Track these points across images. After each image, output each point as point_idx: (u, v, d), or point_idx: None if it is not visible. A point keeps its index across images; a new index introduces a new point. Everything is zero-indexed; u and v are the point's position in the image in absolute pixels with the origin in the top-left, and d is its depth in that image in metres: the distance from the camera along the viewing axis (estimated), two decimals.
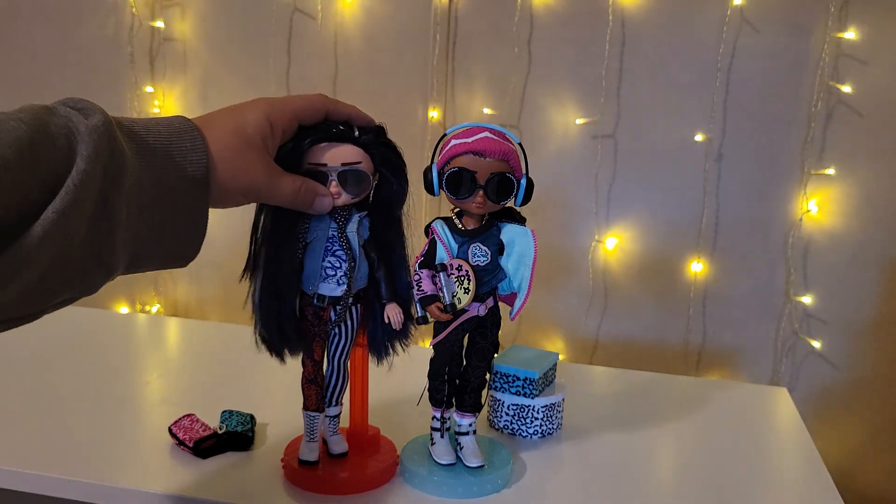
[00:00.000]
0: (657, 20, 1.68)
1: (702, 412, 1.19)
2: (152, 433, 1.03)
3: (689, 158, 1.72)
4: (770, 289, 1.74)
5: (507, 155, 0.86)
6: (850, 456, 1.78)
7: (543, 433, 1.07)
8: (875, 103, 1.62)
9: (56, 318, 0.64)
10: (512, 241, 0.90)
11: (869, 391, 1.74)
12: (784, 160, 1.68)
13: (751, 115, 1.68)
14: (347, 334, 0.91)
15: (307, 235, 0.86)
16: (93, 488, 0.90)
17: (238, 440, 0.99)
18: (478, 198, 0.86)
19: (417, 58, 1.80)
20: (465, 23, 1.77)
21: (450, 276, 0.88)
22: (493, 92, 1.78)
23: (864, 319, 1.71)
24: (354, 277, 0.87)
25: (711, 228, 1.74)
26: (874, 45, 1.60)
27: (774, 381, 1.77)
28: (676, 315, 1.79)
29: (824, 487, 0.97)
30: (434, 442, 0.95)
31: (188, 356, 1.38)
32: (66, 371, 1.23)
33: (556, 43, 1.74)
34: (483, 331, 0.92)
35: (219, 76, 1.92)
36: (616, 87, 1.72)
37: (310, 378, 0.91)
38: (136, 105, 1.95)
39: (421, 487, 0.91)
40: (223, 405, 1.06)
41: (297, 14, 1.85)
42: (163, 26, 1.92)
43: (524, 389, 1.07)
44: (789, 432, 1.15)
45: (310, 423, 0.92)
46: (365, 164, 0.85)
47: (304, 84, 1.87)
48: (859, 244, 1.68)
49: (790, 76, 1.65)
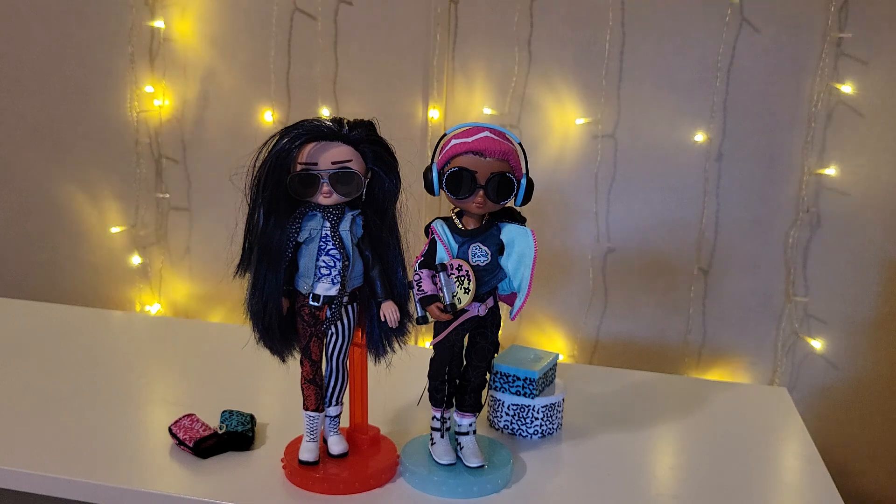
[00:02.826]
0: (657, 20, 1.68)
1: (702, 412, 1.19)
2: (152, 433, 1.03)
3: (689, 158, 1.72)
4: (770, 289, 1.74)
5: (507, 155, 0.86)
6: (850, 456, 1.78)
7: (543, 433, 1.07)
8: (875, 103, 1.62)
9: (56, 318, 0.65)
10: (512, 241, 0.90)
11: (869, 391, 1.74)
12: (784, 160, 1.68)
13: (751, 115, 1.68)
14: (344, 334, 0.91)
15: (299, 234, 0.86)
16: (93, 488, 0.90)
17: (238, 440, 0.99)
18: (478, 198, 0.86)
19: (417, 58, 1.80)
20: (465, 22, 1.77)
21: (450, 276, 0.88)
22: (493, 92, 1.78)
23: (864, 319, 1.71)
24: (349, 276, 0.87)
25: (711, 228, 1.74)
26: (874, 45, 1.60)
27: (774, 381, 1.77)
28: (676, 315, 1.79)
29: (824, 487, 0.97)
30: (434, 442, 0.95)
31: (188, 356, 1.38)
32: (67, 371, 1.23)
33: (556, 43, 1.73)
34: (483, 331, 0.92)
35: (219, 76, 1.92)
36: (616, 87, 1.72)
37: (309, 378, 0.91)
38: (137, 105, 1.95)
39: (421, 487, 0.91)
40: (223, 405, 1.06)
41: (297, 14, 1.85)
42: (163, 26, 1.92)
43: (524, 389, 1.07)
44: (789, 432, 1.15)
45: (310, 423, 0.92)
46: (356, 162, 0.85)
47: (304, 84, 1.87)
48: (859, 244, 1.68)
49: (790, 76, 1.64)
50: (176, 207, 2.02)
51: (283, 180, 0.84)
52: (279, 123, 1.89)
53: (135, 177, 2.01)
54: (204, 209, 2.00)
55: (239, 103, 1.91)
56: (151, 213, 2.03)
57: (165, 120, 1.97)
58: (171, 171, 2.00)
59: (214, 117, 1.94)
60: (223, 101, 1.93)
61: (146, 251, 2.06)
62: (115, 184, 2.03)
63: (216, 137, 1.95)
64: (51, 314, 1.51)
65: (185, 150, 1.98)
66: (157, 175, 2.01)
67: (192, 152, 1.98)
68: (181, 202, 2.01)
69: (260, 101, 1.89)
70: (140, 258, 2.05)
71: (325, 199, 0.85)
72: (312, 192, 0.85)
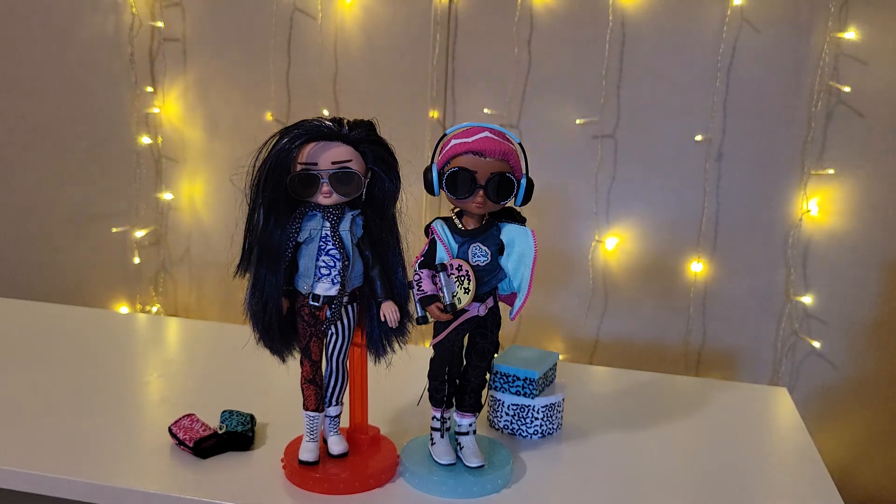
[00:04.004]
0: (657, 20, 1.68)
1: (702, 412, 1.19)
2: (152, 433, 1.03)
3: (689, 158, 1.72)
4: (770, 289, 1.74)
5: (507, 155, 0.86)
6: (850, 456, 1.78)
7: (543, 433, 1.07)
8: (875, 103, 1.62)
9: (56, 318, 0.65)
10: (512, 241, 0.90)
11: (869, 391, 1.74)
12: (784, 160, 1.68)
13: (751, 115, 1.68)
14: (344, 334, 0.91)
15: (298, 234, 0.86)
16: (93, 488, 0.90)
17: (238, 440, 0.99)
18: (478, 198, 0.86)
19: (417, 58, 1.80)
20: (465, 23, 1.77)
21: (450, 276, 0.88)
22: (493, 92, 1.78)
23: (864, 319, 1.71)
24: (349, 276, 0.87)
25: (711, 228, 1.74)
26: (874, 45, 1.60)
27: (774, 381, 1.77)
28: (676, 315, 1.79)
29: (824, 487, 0.97)
30: (434, 442, 0.95)
31: (188, 356, 1.38)
32: (67, 371, 1.23)
33: (556, 43, 1.73)
34: (483, 331, 0.92)
35: (219, 76, 1.92)
36: (616, 87, 1.72)
37: (309, 378, 0.91)
38: (137, 105, 1.95)
39: (421, 487, 0.91)
40: (223, 405, 1.06)
41: (297, 14, 1.85)
42: (163, 26, 1.92)
43: (524, 389, 1.07)
44: (789, 432, 1.15)
45: (310, 423, 0.92)
46: (356, 162, 0.85)
47: (304, 84, 1.87)
48: (859, 244, 1.68)
49: (790, 76, 1.65)
50: (176, 207, 2.02)
51: (283, 180, 0.84)
52: (279, 123, 1.89)
53: (135, 177, 2.01)
54: (204, 209, 2.00)
55: (239, 103, 1.91)
56: (151, 213, 2.03)
57: (165, 120, 1.97)
58: (171, 171, 2.00)
59: (214, 117, 1.94)
60: (223, 102, 1.93)
61: (146, 251, 2.06)
62: (115, 184, 2.03)
63: (216, 137, 1.95)
64: (51, 314, 1.51)
65: (185, 150, 1.98)
66: (157, 175, 2.01)
67: (191, 152, 1.98)
68: (181, 202, 2.01)
69: (260, 101, 1.89)
70: (140, 258, 2.05)
71: (325, 199, 0.85)
72: (312, 192, 0.85)
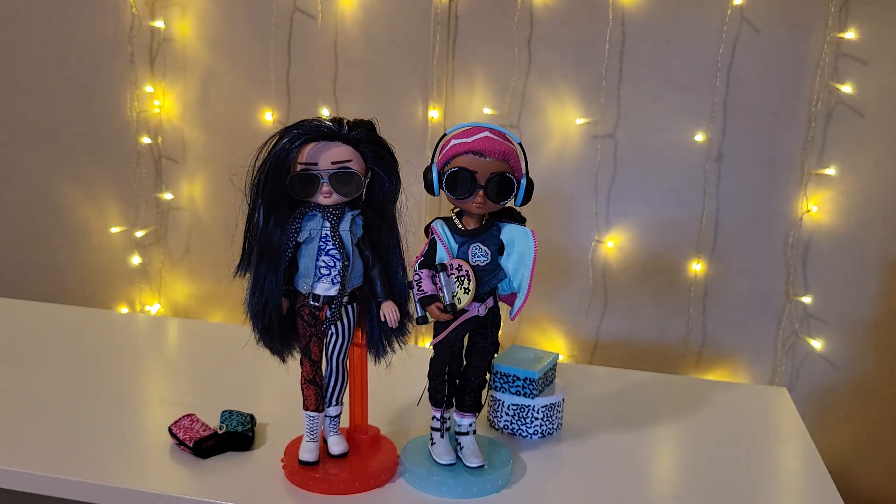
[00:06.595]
0: (657, 20, 1.68)
1: (702, 412, 1.19)
2: (152, 433, 1.03)
3: (689, 158, 1.72)
4: (770, 289, 1.74)
5: (507, 155, 0.86)
6: (850, 456, 1.78)
7: (543, 433, 1.07)
8: (875, 103, 1.62)
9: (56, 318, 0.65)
10: (512, 241, 0.90)
11: (869, 391, 1.74)
12: (784, 160, 1.68)
13: (751, 115, 1.68)
14: (344, 334, 0.91)
15: (298, 234, 0.86)
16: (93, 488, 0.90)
17: (238, 440, 0.99)
18: (478, 198, 0.86)
19: (417, 58, 1.80)
20: (465, 23, 1.77)
21: (450, 276, 0.88)
22: (493, 92, 1.78)
23: (864, 319, 1.71)
24: (349, 276, 0.88)
25: (711, 228, 1.74)
26: (874, 45, 1.60)
27: (774, 381, 1.77)
28: (676, 315, 1.79)
29: (824, 487, 0.97)
30: (434, 442, 0.95)
31: (188, 356, 1.39)
32: (67, 371, 1.23)
33: (556, 43, 1.73)
34: (483, 331, 0.92)
35: (219, 76, 1.92)
36: (616, 87, 1.72)
37: (309, 378, 0.91)
38: (137, 105, 1.95)
39: (421, 487, 0.91)
40: (223, 405, 1.06)
41: (297, 14, 1.85)
42: (163, 26, 1.92)
43: (524, 389, 1.07)
44: (789, 432, 1.15)
45: (310, 423, 0.92)
46: (356, 162, 0.85)
47: (304, 84, 1.87)
48: (859, 244, 1.68)
49: (790, 76, 1.64)
50: (176, 207, 2.02)
51: (282, 180, 0.84)
52: (279, 123, 1.89)
53: (135, 177, 2.01)
54: (204, 209, 2.00)
55: (239, 103, 1.91)
56: (151, 213, 2.03)
57: (165, 120, 1.97)
58: (171, 171, 2.00)
59: (214, 117, 1.94)
60: (223, 102, 1.93)
61: (146, 251, 2.06)
62: (115, 184, 2.03)
63: (216, 137, 1.95)
64: (51, 314, 1.51)
65: (185, 150, 1.98)
66: (157, 175, 2.01)
67: (192, 152, 1.98)
68: (181, 202, 2.01)
69: (260, 101, 1.89)
70: (140, 258, 2.05)
71: (325, 199, 0.85)
72: (312, 192, 0.85)
